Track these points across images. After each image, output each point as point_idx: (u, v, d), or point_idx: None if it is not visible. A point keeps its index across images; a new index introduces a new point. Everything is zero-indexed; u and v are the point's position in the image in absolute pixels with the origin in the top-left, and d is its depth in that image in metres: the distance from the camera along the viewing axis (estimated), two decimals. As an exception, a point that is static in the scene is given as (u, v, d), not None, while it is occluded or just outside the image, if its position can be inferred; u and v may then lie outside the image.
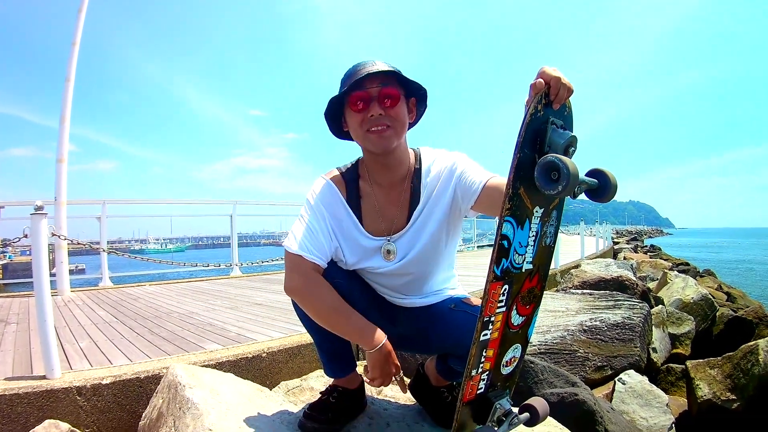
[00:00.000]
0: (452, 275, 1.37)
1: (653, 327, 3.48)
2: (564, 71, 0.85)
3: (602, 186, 0.88)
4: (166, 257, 4.80)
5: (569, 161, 0.79)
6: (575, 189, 0.82)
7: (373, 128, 1.14)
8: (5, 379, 1.70)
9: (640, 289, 4.56)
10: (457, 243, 1.33)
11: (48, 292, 1.80)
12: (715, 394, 2.42)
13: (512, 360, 1.08)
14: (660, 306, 4.39)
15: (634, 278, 4.99)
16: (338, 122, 1.24)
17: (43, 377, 1.68)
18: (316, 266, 1.17)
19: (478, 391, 1.02)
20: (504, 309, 0.96)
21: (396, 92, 1.14)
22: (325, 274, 1.19)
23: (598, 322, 2.85)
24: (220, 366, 1.87)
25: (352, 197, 1.25)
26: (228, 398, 1.37)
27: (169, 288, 4.80)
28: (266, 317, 2.92)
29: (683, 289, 5.48)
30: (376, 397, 1.56)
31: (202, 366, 1.76)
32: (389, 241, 1.23)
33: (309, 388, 1.81)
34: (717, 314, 4.97)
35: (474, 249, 11.08)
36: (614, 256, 12.96)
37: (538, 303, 1.07)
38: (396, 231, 1.24)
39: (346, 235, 1.24)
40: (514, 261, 0.93)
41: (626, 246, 22.97)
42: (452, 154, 1.23)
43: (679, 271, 8.79)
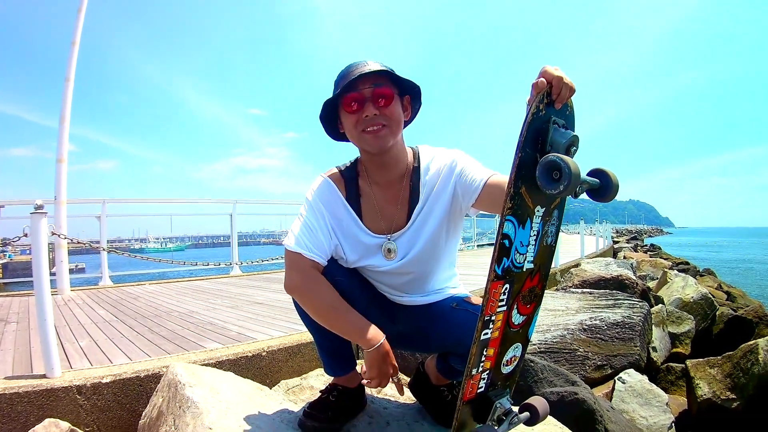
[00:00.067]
0: (454, 274, 1.37)
1: (653, 326, 3.48)
2: (564, 71, 0.85)
3: (604, 186, 0.88)
4: (166, 256, 4.80)
5: (571, 161, 0.79)
6: (577, 189, 0.82)
7: (368, 128, 1.13)
8: (5, 378, 1.70)
9: (640, 288, 4.56)
10: (458, 242, 1.33)
11: (48, 291, 1.80)
12: (715, 393, 2.42)
13: (513, 359, 1.08)
14: (660, 305, 4.39)
15: (634, 277, 4.99)
16: (334, 124, 1.23)
17: (43, 376, 1.68)
18: (315, 264, 1.18)
19: (479, 390, 1.02)
20: (505, 308, 0.96)
21: (389, 91, 1.13)
22: (325, 272, 1.19)
23: (598, 321, 2.85)
24: (220, 365, 1.87)
25: (352, 195, 1.25)
26: (228, 397, 1.37)
27: (169, 287, 4.80)
28: (266, 316, 2.92)
29: (683, 288, 5.48)
30: (376, 395, 1.56)
31: (202, 365, 1.76)
32: (389, 240, 1.23)
33: (309, 386, 1.81)
34: (717, 313, 4.97)
35: (474, 248, 11.09)
36: (614, 256, 12.96)
37: (539, 302, 1.07)
38: (396, 230, 1.24)
39: (347, 233, 1.24)
40: (516, 260, 0.93)
41: (626, 245, 22.98)
42: (451, 151, 1.23)
43: (679, 271, 8.80)
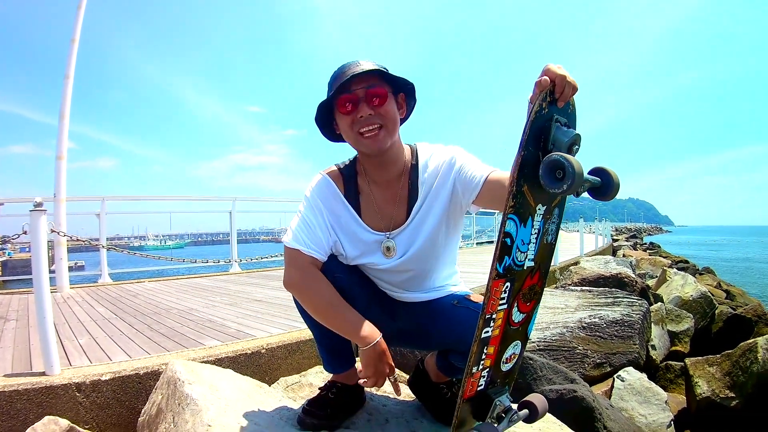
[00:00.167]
0: (454, 272, 1.37)
1: (652, 324, 3.49)
2: (566, 69, 0.85)
3: (605, 184, 0.88)
4: (166, 254, 4.80)
5: (574, 160, 0.78)
6: (579, 188, 0.82)
7: (365, 130, 1.13)
8: (5, 375, 1.70)
9: (639, 286, 4.56)
10: (459, 239, 1.32)
11: (47, 289, 1.80)
12: (714, 391, 2.42)
13: (512, 357, 1.08)
14: (659, 303, 4.39)
15: (633, 275, 4.99)
16: (330, 126, 1.23)
17: (43, 374, 1.68)
18: (314, 260, 1.18)
19: (479, 388, 1.02)
20: (505, 306, 0.96)
21: (383, 90, 1.13)
22: (325, 269, 1.19)
23: (597, 319, 2.85)
24: (219, 362, 1.87)
25: (351, 193, 1.25)
26: (227, 394, 1.37)
27: (168, 284, 4.80)
28: (265, 313, 2.92)
29: (682, 286, 5.48)
30: (375, 393, 1.56)
31: (202, 362, 1.76)
32: (388, 238, 1.23)
33: (308, 384, 1.81)
34: (716, 312, 4.97)
35: (473, 246, 11.09)
36: (613, 254, 12.98)
37: (538, 300, 1.07)
38: (395, 227, 1.23)
39: (346, 230, 1.24)
40: (517, 258, 0.93)
41: (625, 243, 22.99)
42: (449, 148, 1.23)
43: (679, 269, 8.80)
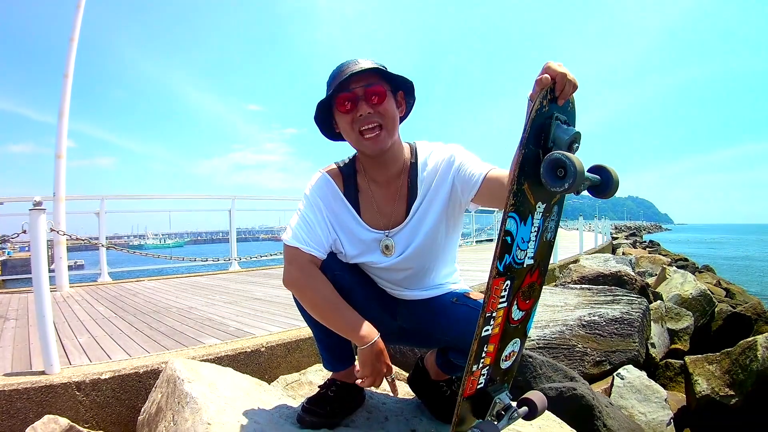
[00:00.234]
0: (454, 270, 1.37)
1: (652, 322, 3.49)
2: (566, 67, 0.84)
3: (604, 182, 0.88)
4: (165, 252, 4.80)
5: (576, 158, 0.78)
6: (580, 186, 0.82)
7: (365, 130, 1.12)
8: (4, 374, 1.70)
9: (639, 284, 4.56)
10: (458, 237, 1.32)
11: (47, 288, 1.80)
12: (714, 389, 2.42)
13: (511, 354, 1.08)
14: (659, 301, 4.39)
15: (633, 273, 4.99)
16: (329, 125, 1.23)
17: (42, 373, 1.68)
18: (313, 258, 1.18)
19: (478, 386, 1.02)
20: (505, 304, 0.96)
21: (382, 89, 1.13)
22: (325, 266, 1.19)
23: (596, 317, 2.85)
24: (219, 360, 1.87)
25: (350, 191, 1.25)
26: (227, 392, 1.37)
27: (168, 283, 4.80)
28: (265, 312, 2.92)
29: (682, 284, 5.48)
30: (374, 391, 1.56)
31: (201, 360, 1.76)
32: (387, 236, 1.23)
33: (308, 382, 1.81)
34: (716, 310, 4.97)
35: (473, 244, 11.09)
36: (613, 252, 12.98)
37: (537, 297, 1.07)
38: (394, 226, 1.23)
39: (345, 229, 1.24)
40: (517, 257, 0.92)
41: (625, 241, 22.99)
42: (449, 146, 1.23)
43: (678, 267, 8.79)
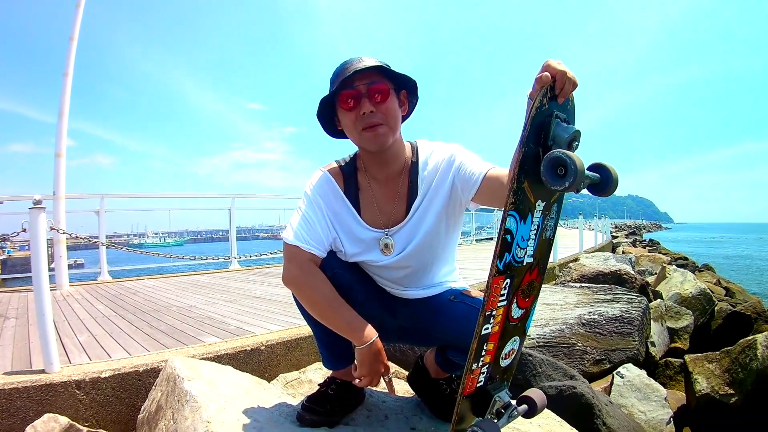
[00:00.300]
0: (453, 268, 1.37)
1: (651, 321, 3.49)
2: (566, 65, 0.84)
3: (604, 180, 0.87)
4: (165, 251, 4.80)
5: (576, 157, 0.78)
6: (580, 184, 0.82)
7: (367, 126, 1.13)
8: (4, 373, 1.70)
9: (639, 282, 4.56)
10: (458, 236, 1.32)
11: (47, 287, 1.80)
12: (714, 388, 2.42)
13: (511, 352, 1.08)
14: (658, 300, 4.39)
15: (633, 272, 4.99)
16: (331, 122, 1.23)
17: (42, 371, 1.68)
18: (313, 257, 1.18)
19: (478, 385, 1.02)
20: (505, 303, 0.96)
21: (385, 87, 1.13)
22: (325, 265, 1.19)
23: (596, 316, 2.85)
24: (218, 359, 1.87)
25: (351, 190, 1.25)
26: (226, 391, 1.37)
27: (167, 282, 4.80)
28: (265, 310, 2.92)
29: (682, 283, 5.48)
30: (374, 389, 1.56)
31: (201, 359, 1.76)
32: (387, 235, 1.23)
33: (307, 380, 1.81)
34: (715, 309, 4.97)
35: (472, 243, 11.09)
36: (613, 250, 12.99)
37: (537, 295, 1.07)
38: (394, 224, 1.23)
39: (345, 227, 1.24)
40: (516, 255, 0.92)
41: (625, 240, 23.01)
42: (450, 145, 1.23)
43: (678, 266, 8.80)
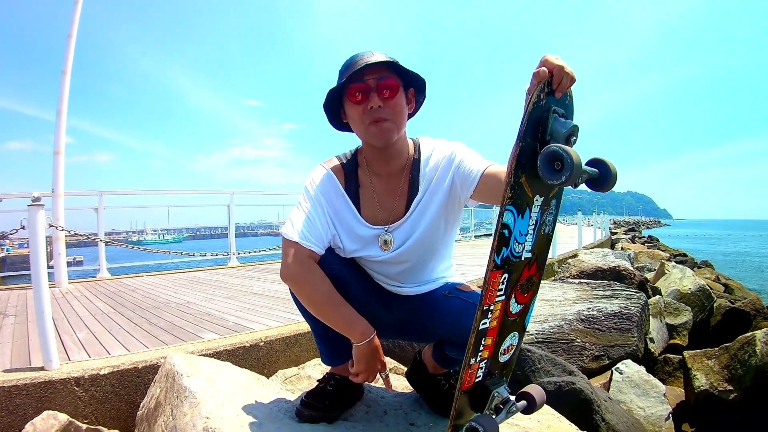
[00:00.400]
0: (450, 264, 1.37)
1: (650, 317, 3.49)
2: (564, 60, 0.84)
3: (603, 175, 0.87)
4: (164, 248, 4.80)
5: (573, 151, 0.78)
6: (578, 179, 0.82)
7: (374, 121, 1.13)
8: (3, 371, 1.71)
9: (638, 279, 4.57)
10: (456, 233, 1.33)
11: (46, 284, 1.80)
12: (712, 384, 2.43)
13: (510, 348, 1.08)
14: (657, 296, 4.40)
15: (632, 268, 5.00)
16: (337, 114, 1.23)
17: (42, 368, 1.69)
18: (312, 253, 1.17)
19: (477, 380, 1.02)
20: (503, 298, 0.96)
21: (395, 83, 1.13)
22: (323, 261, 1.19)
23: (595, 312, 2.85)
24: (217, 355, 1.88)
25: (351, 186, 1.25)
26: (225, 387, 1.37)
27: (166, 278, 4.80)
28: (264, 306, 2.92)
29: (681, 279, 5.49)
30: (373, 385, 1.56)
31: (200, 355, 1.76)
32: (386, 231, 1.23)
33: (306, 376, 1.81)
34: (714, 305, 4.98)
35: (471, 238, 11.10)
36: (612, 247, 13.00)
37: (536, 291, 1.07)
38: (394, 221, 1.23)
39: (344, 224, 1.24)
40: (514, 250, 0.92)
41: (624, 236, 23.04)
42: (451, 143, 1.23)
43: (677, 262, 8.81)
